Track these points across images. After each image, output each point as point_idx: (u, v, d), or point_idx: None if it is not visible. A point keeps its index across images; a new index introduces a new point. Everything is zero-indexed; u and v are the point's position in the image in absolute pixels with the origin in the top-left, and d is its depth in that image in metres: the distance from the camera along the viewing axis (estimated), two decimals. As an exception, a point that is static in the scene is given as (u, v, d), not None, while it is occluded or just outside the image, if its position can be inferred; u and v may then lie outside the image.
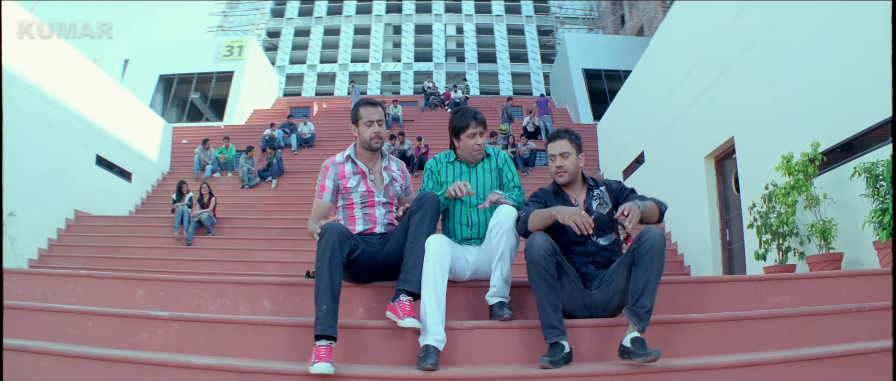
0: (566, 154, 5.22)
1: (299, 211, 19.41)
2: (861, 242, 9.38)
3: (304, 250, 16.06)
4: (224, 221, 18.62)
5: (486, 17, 60.38)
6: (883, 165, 8.42)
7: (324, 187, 5.48)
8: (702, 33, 15.18)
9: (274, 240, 17.30)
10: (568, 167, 5.21)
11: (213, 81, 37.62)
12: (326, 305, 4.39)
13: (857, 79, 9.76)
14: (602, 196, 5.26)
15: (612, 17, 50.30)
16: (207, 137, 25.36)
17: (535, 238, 4.62)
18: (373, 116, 5.38)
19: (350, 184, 5.40)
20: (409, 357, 4.50)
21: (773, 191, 10.63)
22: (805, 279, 6.18)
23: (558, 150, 5.24)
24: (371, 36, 58.88)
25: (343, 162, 5.49)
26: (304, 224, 15.88)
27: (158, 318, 4.82)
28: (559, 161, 5.23)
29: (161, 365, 4.27)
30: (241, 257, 16.08)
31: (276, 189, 22.48)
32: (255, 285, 5.42)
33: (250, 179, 22.39)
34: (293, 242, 16.89)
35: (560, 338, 4.40)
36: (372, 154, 5.46)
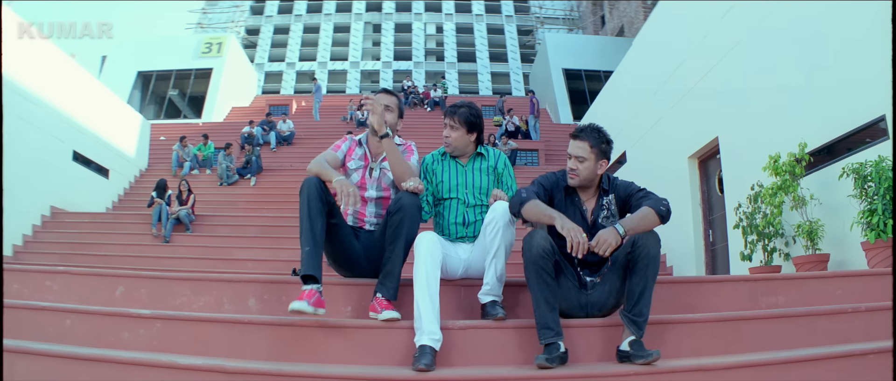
0: (582, 159, 4.79)
1: (279, 209, 19.47)
2: (847, 243, 9.35)
3: (285, 248, 15.98)
4: (203, 218, 18.46)
5: (466, 16, 60.32)
6: (871, 165, 8.38)
7: (338, 146, 5.39)
8: (686, 33, 15.13)
9: (254, 238, 17.17)
10: (581, 173, 4.81)
11: (191, 77, 37.40)
12: (308, 247, 4.58)
13: (845, 80, 9.75)
14: (610, 206, 4.93)
15: (592, 17, 50.34)
16: (185, 134, 25.17)
17: (534, 236, 4.46)
18: (382, 100, 5.29)
19: (351, 165, 5.33)
20: (404, 358, 4.36)
21: (759, 191, 10.58)
22: (800, 280, 6.13)
23: (575, 151, 4.82)
24: (350, 34, 58.65)
25: (357, 142, 5.43)
26: (283, 222, 15.94)
27: (140, 316, 4.64)
28: (572, 164, 4.84)
29: (144, 365, 4.10)
30: (221, 254, 15.91)
31: (255, 187, 22.34)
32: (240, 283, 5.22)
33: (229, 176, 22.24)
34: (273, 240, 16.79)
35: (556, 339, 4.27)
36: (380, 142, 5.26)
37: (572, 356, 4.44)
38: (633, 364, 4.17)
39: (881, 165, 8.31)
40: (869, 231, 8.26)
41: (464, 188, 5.32)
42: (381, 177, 5.32)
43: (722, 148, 13.25)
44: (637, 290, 4.40)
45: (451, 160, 5.44)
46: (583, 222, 4.82)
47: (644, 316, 4.37)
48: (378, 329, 4.47)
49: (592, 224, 4.86)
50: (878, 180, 8.21)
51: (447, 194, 5.33)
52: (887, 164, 8.30)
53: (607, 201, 4.93)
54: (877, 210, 8.17)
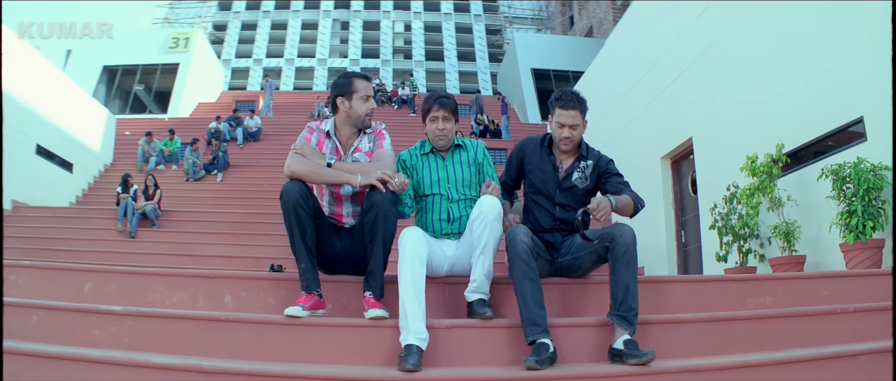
0: (576, 126, 5.08)
1: (246, 205, 19.31)
2: (823, 244, 9.34)
3: (253, 245, 15.81)
4: (169, 213, 18.19)
5: (435, 14, 60.27)
6: (850, 167, 8.34)
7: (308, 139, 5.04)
8: (661, 33, 15.06)
9: (221, 234, 16.90)
10: (574, 139, 5.11)
11: (157, 73, 36.96)
12: (304, 263, 4.53)
13: (821, 82, 9.73)
14: (586, 170, 5.16)
15: (561, 17, 50.33)
16: (151, 129, 24.78)
17: (517, 232, 4.47)
18: (369, 90, 5.07)
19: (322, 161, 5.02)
20: (388, 357, 4.21)
21: (734, 192, 10.54)
22: (787, 280, 6.08)
23: (570, 120, 5.06)
24: (318, 31, 58.38)
25: (325, 132, 5.10)
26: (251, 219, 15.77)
27: (111, 313, 4.45)
28: (567, 132, 5.07)
29: (116, 364, 3.90)
30: (187, 250, 15.60)
31: (221, 183, 22.06)
32: (216, 279, 5.04)
33: (195, 172, 21.95)
34: (241, 236, 16.55)
35: (543, 336, 4.16)
36: (352, 134, 5.09)
37: (562, 355, 4.34)
38: (626, 364, 4.08)
39: (860, 166, 8.27)
40: (848, 233, 8.22)
41: (447, 183, 5.14)
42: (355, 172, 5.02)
43: (696, 148, 13.20)
44: (622, 286, 4.37)
45: (431, 155, 5.25)
46: (553, 177, 5.17)
47: (634, 311, 4.32)
48: (362, 328, 4.31)
49: (562, 180, 5.16)
50: (857, 182, 8.17)
51: (429, 190, 5.13)
52: (866, 165, 8.27)
53: (585, 166, 5.17)
54: (856, 212, 8.13)
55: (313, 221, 4.58)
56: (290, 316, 4.23)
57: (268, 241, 16.39)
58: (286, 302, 4.63)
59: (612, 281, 4.44)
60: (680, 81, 13.79)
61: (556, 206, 5.12)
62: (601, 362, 4.36)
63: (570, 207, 5.11)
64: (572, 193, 5.15)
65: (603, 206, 4.52)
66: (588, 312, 5.14)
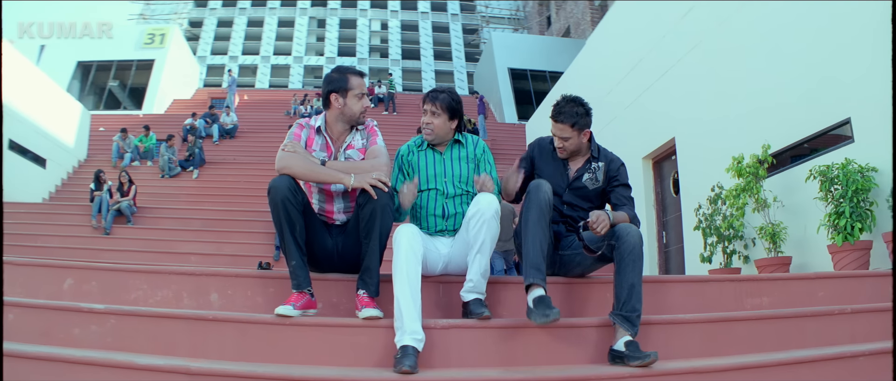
0: (566, 138, 5.05)
1: (222, 202, 19.21)
2: (808, 245, 9.33)
3: (229, 242, 15.71)
4: (144, 210, 18.03)
5: (412, 13, 60.21)
6: (838, 168, 8.30)
7: (298, 136, 4.86)
8: (644, 33, 15.02)
9: (197, 231, 16.78)
10: (568, 148, 5.09)
11: (132, 69, 36.58)
12: (295, 260, 4.36)
13: (808, 83, 9.72)
14: (597, 172, 5.16)
15: (538, 17, 50.36)
16: (125, 125, 24.53)
17: (542, 184, 4.52)
18: (364, 88, 4.89)
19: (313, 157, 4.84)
20: (382, 358, 4.06)
21: (719, 193, 10.49)
22: (783, 281, 6.00)
23: (557, 132, 5.08)
24: (295, 29, 58.14)
25: (315, 128, 4.92)
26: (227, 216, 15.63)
27: (92, 311, 4.22)
28: (558, 143, 5.11)
29: (98, 365, 3.71)
30: (164, 247, 15.49)
31: (197, 179, 21.88)
32: (201, 277, 4.83)
33: (171, 168, 21.74)
34: (217, 233, 16.46)
35: (542, 285, 4.17)
36: (344, 130, 4.93)
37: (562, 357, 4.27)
38: (628, 366, 3.98)
39: (848, 167, 8.24)
40: (836, 234, 8.18)
41: (443, 178, 4.98)
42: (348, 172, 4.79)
43: (679, 149, 13.16)
44: (626, 286, 4.28)
45: (428, 149, 5.10)
46: (563, 178, 5.15)
47: (637, 312, 4.23)
48: (354, 328, 4.15)
49: (572, 180, 5.14)
50: (846, 183, 8.14)
51: (425, 184, 4.98)
52: (854, 167, 8.24)
53: (596, 167, 5.16)
54: (844, 213, 8.09)
55: (303, 217, 4.41)
56: (281, 315, 4.06)
57: (245, 238, 16.32)
58: (275, 301, 4.46)
59: (617, 280, 4.34)
60: (663, 82, 13.74)
61: (563, 204, 5.07)
62: (600, 363, 4.26)
63: (577, 206, 5.07)
64: (582, 192, 5.11)
65: (602, 220, 4.46)
66: (587, 312, 5.04)
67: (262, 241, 16.24)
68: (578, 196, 5.10)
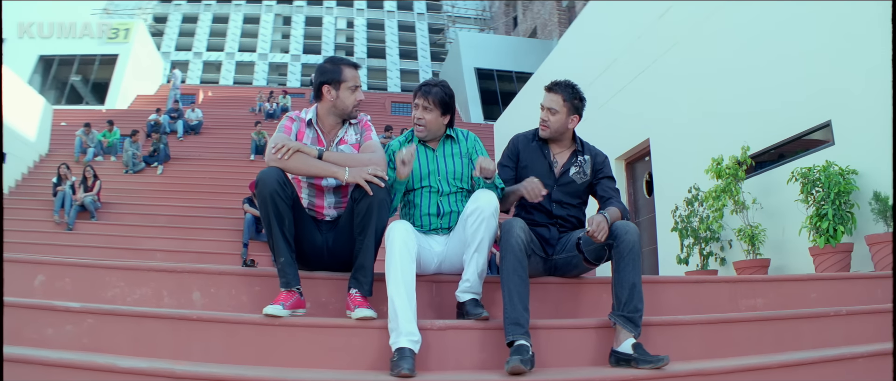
0: (554, 111, 4.96)
1: (187, 198, 19.04)
2: (786, 248, 9.32)
3: (195, 239, 15.53)
4: (108, 206, 17.75)
5: (378, 12, 60.13)
6: (819, 171, 8.27)
7: (288, 128, 4.68)
8: (619, 33, 14.93)
9: (162, 227, 16.51)
10: (551, 125, 4.98)
11: (95, 63, 36.08)
12: (284, 256, 4.18)
13: (788, 85, 9.70)
14: (584, 165, 5.05)
15: (504, 18, 50.31)
16: (88, 120, 24.17)
17: (513, 225, 4.20)
18: (358, 80, 4.70)
19: None
20: (376, 361, 3.89)
21: (697, 194, 10.44)
22: (776, 282, 5.95)
23: (548, 103, 4.98)
24: (260, 26, 57.83)
25: (306, 121, 4.74)
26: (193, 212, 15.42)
27: (67, 310, 4.00)
28: (545, 114, 4.99)
29: (75, 367, 3.48)
30: (128, 244, 15.22)
31: (162, 175, 21.55)
32: (182, 274, 4.61)
33: (135, 164, 21.41)
34: (183, 230, 16.23)
35: (524, 339, 3.88)
36: (336, 124, 4.75)
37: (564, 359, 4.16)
38: (639, 369, 3.85)
39: (829, 169, 8.21)
40: (818, 237, 8.14)
41: (437, 176, 4.80)
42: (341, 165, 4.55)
43: (653, 150, 13.09)
44: (627, 285, 4.15)
45: (420, 146, 4.91)
46: (550, 173, 4.99)
47: (640, 311, 4.11)
48: (348, 329, 3.96)
49: (559, 175, 5.01)
50: (828, 186, 8.11)
51: (418, 182, 4.79)
52: (835, 168, 8.22)
53: (582, 160, 5.08)
54: (827, 215, 8.06)
55: (292, 211, 4.22)
56: (270, 316, 3.87)
57: (211, 235, 16.12)
58: (261, 300, 4.32)
59: (616, 280, 4.21)
60: (638, 82, 13.67)
61: (553, 203, 4.92)
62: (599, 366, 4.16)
63: (567, 204, 4.94)
64: (570, 188, 4.98)
65: (603, 227, 4.30)
66: (583, 313, 4.95)
67: (229, 238, 16.05)
68: (566, 192, 4.98)
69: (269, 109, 30.04)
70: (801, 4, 9.61)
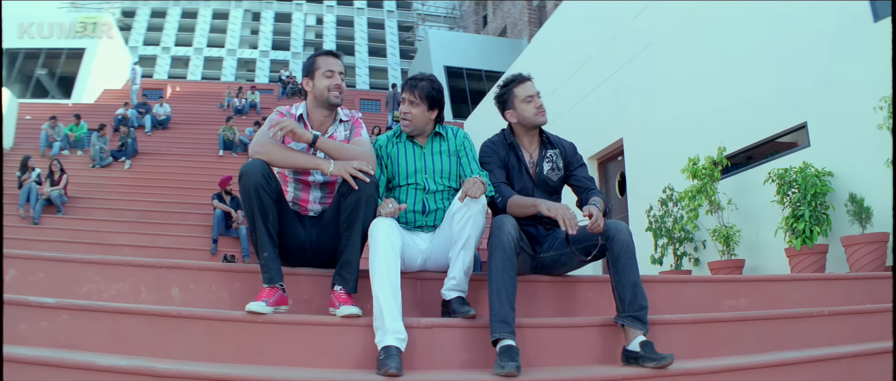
0: (539, 94, 4.94)
1: (156, 194, 18.76)
2: (761, 248, 9.35)
3: (165, 235, 15.36)
4: (75, 200, 17.46)
5: (348, 8, 60.03)
6: (796, 172, 8.30)
7: None
8: (593, 32, 14.94)
9: (131, 223, 16.26)
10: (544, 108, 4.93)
11: (62, 57, 35.65)
12: (267, 251, 4.06)
13: (764, 86, 9.75)
14: (555, 160, 4.95)
15: (474, 16, 50.28)
16: (54, 114, 23.80)
17: (504, 222, 4.11)
18: (333, 66, 4.59)
19: (292, 145, 4.51)
20: (361, 359, 3.81)
21: (672, 194, 10.45)
22: (759, 282, 5.93)
23: (536, 90, 4.94)
24: (229, 21, 57.48)
25: (296, 116, 4.64)
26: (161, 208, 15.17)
27: (41, 305, 3.87)
28: (538, 100, 4.91)
29: (52, 365, 3.36)
30: (96, 239, 14.94)
31: (129, 170, 21.26)
32: (161, 269, 4.48)
33: (102, 158, 21.09)
34: (152, 225, 15.99)
35: (511, 338, 3.81)
36: (327, 115, 4.64)
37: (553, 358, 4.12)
38: (644, 367, 3.84)
39: (806, 171, 8.24)
40: (794, 238, 8.16)
41: (423, 173, 4.70)
42: (326, 158, 4.45)
43: (626, 150, 13.10)
44: (629, 285, 4.12)
45: (407, 142, 4.82)
46: (528, 176, 4.89)
47: (645, 308, 4.09)
48: (332, 327, 3.87)
49: (537, 177, 4.90)
50: (804, 187, 8.13)
51: (404, 179, 4.70)
52: (812, 170, 8.26)
53: (552, 154, 4.97)
54: (803, 216, 8.08)
55: (276, 206, 4.13)
56: (253, 312, 3.77)
57: (180, 231, 15.95)
58: (241, 296, 4.23)
59: (617, 281, 4.16)
60: (612, 82, 13.67)
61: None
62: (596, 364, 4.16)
63: None
64: (547, 186, 4.89)
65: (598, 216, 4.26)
66: (576, 312, 4.91)
67: (198, 233, 15.87)
68: (545, 191, 4.88)
69: (238, 104, 29.81)
70: (776, 6, 9.64)
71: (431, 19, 56.55)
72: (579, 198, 4.92)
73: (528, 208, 4.49)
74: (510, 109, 4.92)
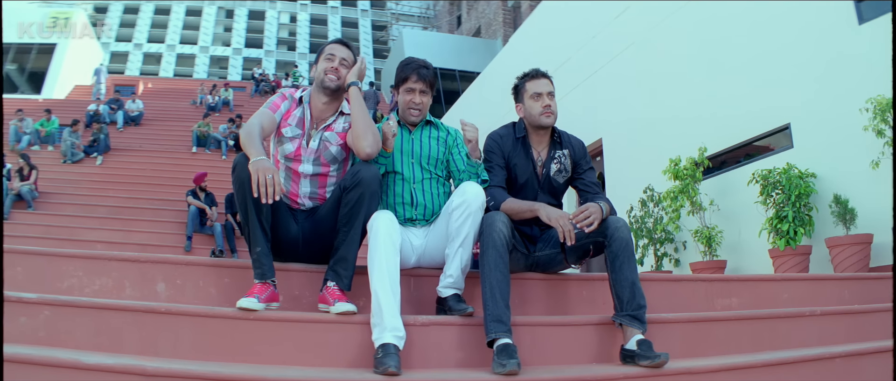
0: (552, 94, 4.71)
1: (128, 190, 18.54)
2: (742, 249, 9.35)
3: (137, 231, 15.19)
4: (46, 195, 17.19)
5: (322, 7, 59.92)
6: (780, 173, 8.30)
7: (276, 106, 4.48)
8: (572, 32, 14.91)
9: (103, 219, 16.05)
10: (555, 109, 4.70)
11: (32, 52, 35.25)
12: (260, 246, 3.95)
13: (746, 87, 9.76)
14: (563, 161, 4.78)
15: (448, 16, 50.16)
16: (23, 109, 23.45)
17: (495, 219, 4.03)
18: (335, 51, 4.56)
19: (286, 132, 4.42)
20: (356, 358, 3.70)
21: (653, 195, 10.43)
22: (750, 282, 5.92)
23: (546, 88, 4.69)
24: (202, 18, 57.15)
25: (297, 101, 4.54)
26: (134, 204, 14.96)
27: (20, 301, 3.69)
28: (547, 100, 4.66)
29: (35, 363, 3.19)
30: (67, 234, 14.75)
31: (101, 166, 20.98)
32: (146, 264, 4.34)
33: (74, 153, 20.82)
34: (124, 221, 15.78)
35: (507, 336, 3.72)
36: (327, 102, 4.51)
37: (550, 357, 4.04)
38: (638, 366, 3.76)
39: (790, 172, 8.24)
40: (778, 238, 8.14)
41: (410, 158, 4.60)
42: (321, 150, 4.42)
43: (606, 150, 13.05)
44: (627, 284, 4.04)
45: (399, 127, 4.70)
46: (534, 175, 4.75)
47: (643, 307, 4.01)
48: (326, 324, 3.76)
49: (543, 178, 4.77)
50: (789, 188, 8.12)
51: (390, 166, 4.58)
52: (795, 172, 8.26)
53: (561, 155, 4.80)
54: (787, 217, 8.07)
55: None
56: (244, 309, 3.64)
57: (153, 227, 15.77)
58: (229, 292, 4.12)
59: (615, 279, 4.07)
60: (591, 82, 13.63)
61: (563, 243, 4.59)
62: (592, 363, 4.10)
63: (549, 202, 4.64)
64: (552, 187, 4.78)
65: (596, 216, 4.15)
66: (570, 310, 4.84)
67: (171, 230, 15.69)
68: (549, 192, 4.78)
69: (211, 101, 29.60)
70: (759, 8, 9.64)
71: (405, 19, 56.43)
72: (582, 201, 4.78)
73: (526, 212, 4.36)
74: (520, 103, 4.81)
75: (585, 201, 4.71)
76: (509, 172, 4.71)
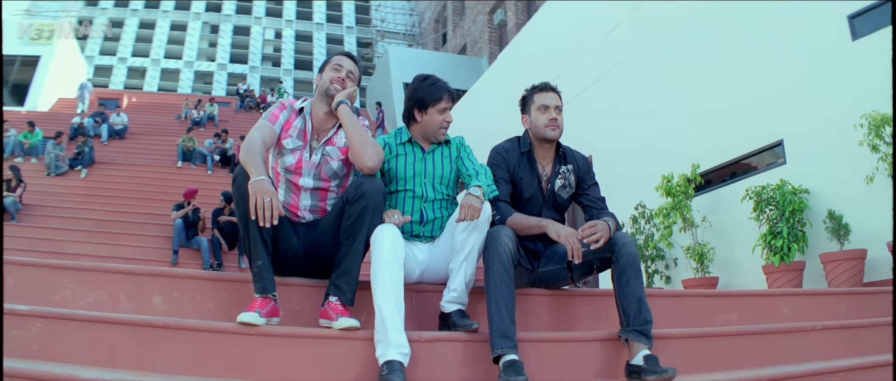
0: (560, 109, 4.72)
1: (113, 203, 18.43)
2: (734, 266, 9.34)
3: (122, 245, 15.07)
4: (30, 208, 17.03)
5: (307, 23, 59.76)
6: (773, 189, 8.30)
7: (275, 117, 4.41)
8: (564, 48, 14.90)
9: (88, 232, 15.90)
10: (561, 122, 4.72)
11: (15, 64, 35.05)
12: (261, 259, 3.86)
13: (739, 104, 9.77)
14: (567, 177, 4.78)
15: (433, 34, 50.19)
16: (7, 122, 23.29)
17: (500, 233, 3.98)
18: (343, 62, 4.50)
19: (287, 144, 4.37)
20: (359, 375, 3.63)
21: (644, 212, 10.41)
22: (750, 297, 5.93)
23: (554, 102, 4.70)
24: (187, 33, 56.97)
25: (297, 112, 4.49)
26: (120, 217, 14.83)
27: (13, 313, 3.60)
28: (553, 113, 4.67)
29: (29, 378, 3.07)
30: (52, 247, 14.59)
31: (86, 179, 20.84)
32: (142, 277, 4.26)
33: (58, 166, 20.66)
34: (110, 235, 15.64)
35: (513, 352, 3.67)
36: (328, 112, 4.46)
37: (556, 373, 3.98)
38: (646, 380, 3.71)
39: (783, 188, 8.25)
40: (772, 255, 8.14)
41: (422, 177, 4.53)
42: (322, 164, 4.38)
43: (596, 167, 13.00)
44: (634, 300, 4.00)
45: (409, 145, 4.64)
46: (539, 191, 4.73)
47: (650, 323, 3.97)
48: (329, 340, 3.68)
49: (548, 194, 4.75)
50: (782, 204, 8.12)
51: (401, 185, 4.51)
52: (789, 187, 8.26)
53: (565, 171, 4.82)
54: (781, 233, 8.06)
55: None
56: (245, 324, 3.57)
57: (139, 241, 15.64)
58: (229, 306, 4.04)
59: (622, 294, 4.04)
60: (583, 98, 13.61)
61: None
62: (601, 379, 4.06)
63: (552, 218, 4.64)
64: (557, 202, 4.76)
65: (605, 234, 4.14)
66: (575, 326, 4.79)
67: (157, 244, 15.57)
68: (553, 207, 4.76)
69: (196, 116, 29.51)
70: (752, 23, 9.65)
71: (390, 36, 56.38)
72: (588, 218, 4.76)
73: (533, 228, 4.37)
74: (526, 115, 4.80)
75: (592, 217, 4.69)
76: (514, 186, 4.66)
